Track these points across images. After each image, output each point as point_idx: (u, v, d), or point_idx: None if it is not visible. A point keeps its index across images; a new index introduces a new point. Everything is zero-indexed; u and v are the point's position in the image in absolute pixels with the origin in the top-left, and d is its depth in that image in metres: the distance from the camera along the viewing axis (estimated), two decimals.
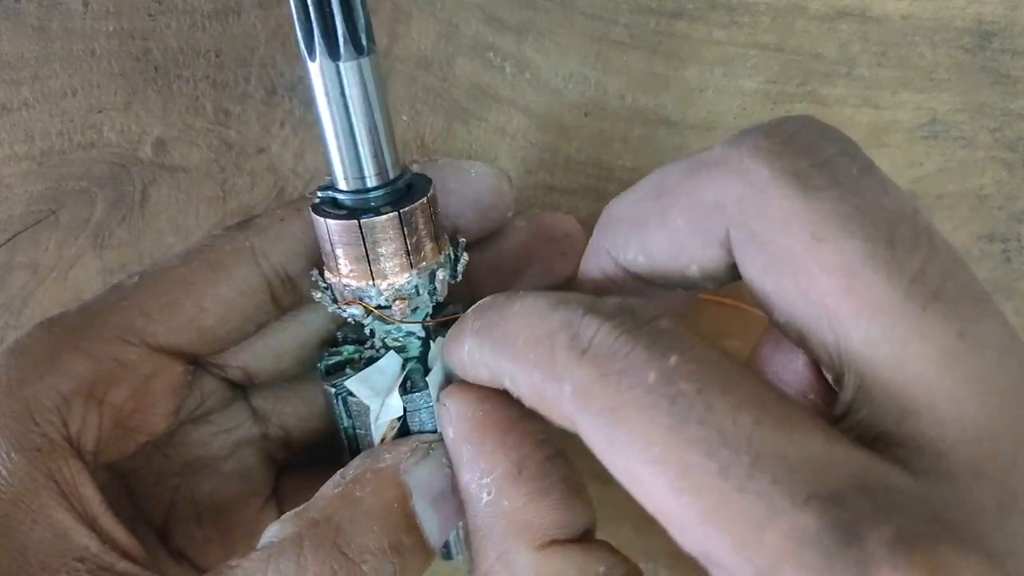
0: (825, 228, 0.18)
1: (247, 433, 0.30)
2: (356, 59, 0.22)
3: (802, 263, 0.18)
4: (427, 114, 0.33)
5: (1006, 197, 0.35)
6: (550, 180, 0.34)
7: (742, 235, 0.19)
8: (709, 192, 0.20)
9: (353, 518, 0.22)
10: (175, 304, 0.26)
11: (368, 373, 0.26)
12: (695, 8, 0.32)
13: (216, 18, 0.32)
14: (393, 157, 0.24)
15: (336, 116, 0.23)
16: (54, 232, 0.33)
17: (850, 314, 0.17)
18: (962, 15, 0.33)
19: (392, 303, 0.25)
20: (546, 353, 0.19)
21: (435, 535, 0.23)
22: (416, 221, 0.24)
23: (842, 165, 0.18)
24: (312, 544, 0.22)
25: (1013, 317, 0.36)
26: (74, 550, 0.22)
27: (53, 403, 0.24)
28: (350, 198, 0.24)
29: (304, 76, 0.23)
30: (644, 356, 0.18)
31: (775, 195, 0.18)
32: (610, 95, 0.33)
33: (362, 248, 0.24)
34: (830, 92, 0.33)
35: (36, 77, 0.32)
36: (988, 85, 0.33)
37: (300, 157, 0.33)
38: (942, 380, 0.17)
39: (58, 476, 0.23)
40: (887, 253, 0.17)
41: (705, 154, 0.20)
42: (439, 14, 0.32)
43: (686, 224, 0.20)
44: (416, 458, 0.24)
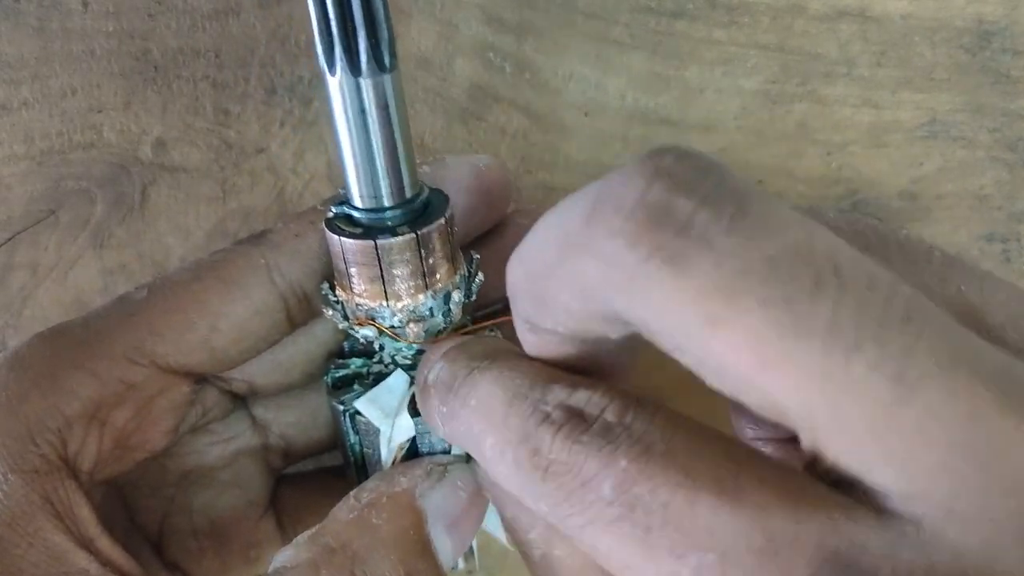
0: (714, 307, 0.16)
1: (247, 442, 0.29)
2: (378, 76, 0.21)
3: (708, 347, 0.16)
4: (427, 114, 0.33)
5: (1006, 197, 0.35)
6: (550, 180, 0.34)
7: (636, 321, 0.17)
8: (584, 277, 0.18)
9: (370, 545, 0.22)
10: (187, 323, 0.25)
11: (377, 393, 0.25)
12: (695, 8, 0.32)
13: (216, 18, 0.32)
14: (411, 176, 0.23)
15: (354, 133, 0.22)
16: (54, 232, 0.33)
17: (775, 387, 0.16)
18: (962, 15, 0.33)
19: (406, 325, 0.24)
20: (514, 467, 0.19)
21: (448, 559, 0.23)
22: (433, 243, 0.24)
23: (707, 221, 0.16)
24: (329, 573, 0.22)
25: None
26: (71, 573, 0.22)
27: (55, 424, 0.23)
28: (365, 216, 0.23)
29: (322, 89, 0.22)
30: (597, 466, 0.17)
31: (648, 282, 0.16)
32: (610, 95, 0.33)
33: (377, 269, 0.23)
34: (830, 92, 0.33)
35: (36, 77, 0.32)
36: (988, 85, 0.33)
37: (300, 157, 0.33)
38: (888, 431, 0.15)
39: (54, 497, 0.22)
40: (787, 314, 0.15)
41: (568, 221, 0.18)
42: (439, 14, 0.32)
43: (581, 307, 0.19)
44: (431, 481, 0.24)
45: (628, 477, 0.17)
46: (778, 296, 0.15)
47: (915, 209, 0.35)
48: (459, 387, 0.21)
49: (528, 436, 0.19)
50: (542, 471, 0.18)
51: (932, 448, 0.15)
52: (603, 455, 0.17)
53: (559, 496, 0.18)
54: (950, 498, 0.15)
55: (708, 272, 0.15)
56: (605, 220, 0.17)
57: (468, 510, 0.24)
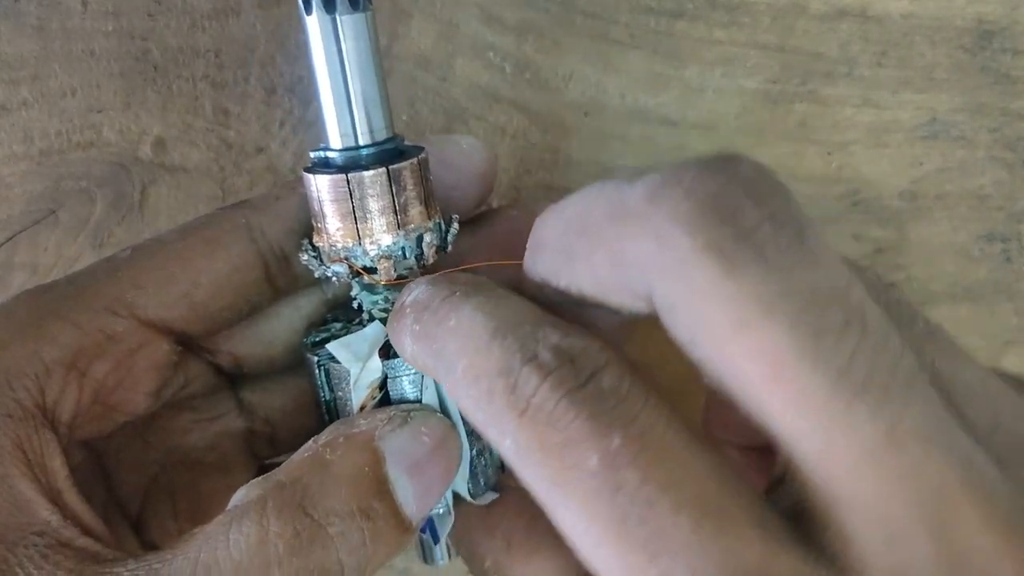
0: (749, 312, 0.16)
1: (231, 425, 0.29)
2: (351, 13, 0.23)
3: (726, 345, 0.17)
4: (427, 114, 0.33)
5: (1006, 197, 0.35)
6: (550, 180, 0.34)
7: (664, 301, 0.18)
8: (630, 249, 0.18)
9: (321, 481, 0.22)
10: (168, 277, 0.25)
11: (350, 338, 0.26)
12: (695, 8, 0.32)
13: (215, 18, 0.32)
14: (386, 118, 0.24)
15: (331, 71, 0.23)
16: (53, 232, 0.33)
17: (775, 402, 0.16)
18: (962, 15, 0.33)
19: (377, 263, 0.25)
20: (485, 397, 0.19)
21: (411, 506, 0.22)
22: (405, 180, 0.24)
23: (769, 236, 0.17)
24: (276, 505, 0.21)
25: (1013, 317, 0.36)
26: (34, 523, 0.21)
27: (33, 370, 0.23)
28: (341, 156, 0.24)
29: (303, 34, 0.24)
30: (586, 431, 0.17)
31: (696, 270, 0.17)
32: (610, 95, 0.33)
33: (349, 204, 0.24)
34: (830, 92, 0.33)
35: (35, 77, 0.32)
36: (988, 85, 0.33)
37: (300, 157, 0.33)
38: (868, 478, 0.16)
39: (26, 445, 0.22)
40: (814, 343, 0.16)
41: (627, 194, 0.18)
42: (439, 14, 0.32)
43: (610, 274, 0.19)
44: (393, 425, 0.23)
45: (620, 459, 0.17)
46: (810, 324, 0.16)
47: (915, 209, 0.35)
48: (438, 307, 0.21)
49: (510, 369, 0.18)
50: (518, 411, 0.18)
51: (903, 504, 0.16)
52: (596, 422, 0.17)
53: (532, 443, 0.18)
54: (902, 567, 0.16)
55: (754, 281, 0.16)
56: (673, 202, 0.17)
57: (432, 457, 0.23)
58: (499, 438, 0.19)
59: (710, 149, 0.34)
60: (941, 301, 0.36)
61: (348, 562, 0.21)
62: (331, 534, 0.21)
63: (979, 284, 0.36)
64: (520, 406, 0.18)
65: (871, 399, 0.16)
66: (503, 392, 0.18)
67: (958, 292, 0.36)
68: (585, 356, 0.18)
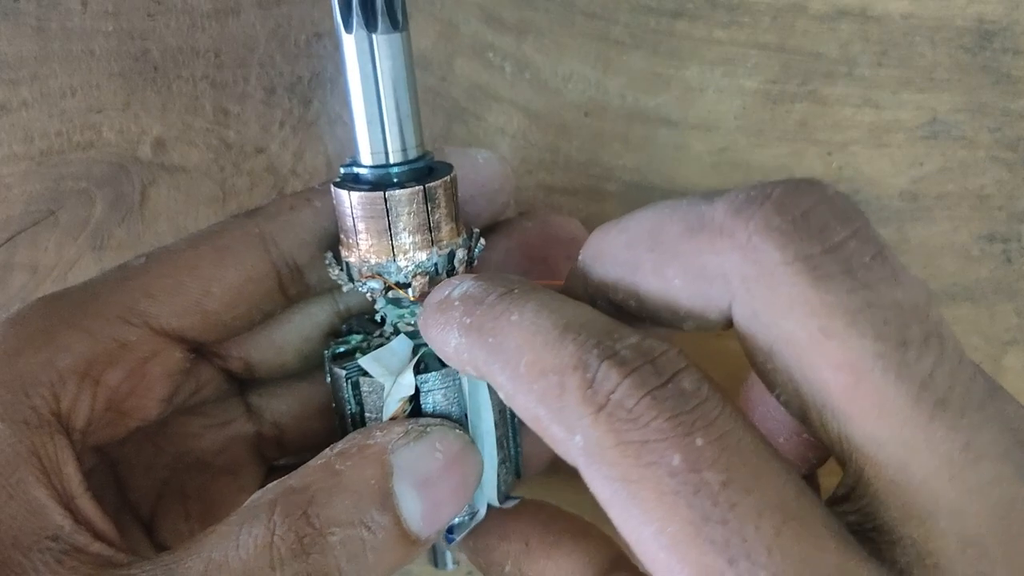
0: (834, 323, 0.17)
1: (240, 429, 0.29)
2: (390, 33, 0.23)
3: (809, 354, 0.17)
4: (427, 114, 0.33)
5: (1006, 197, 0.35)
6: (550, 180, 0.34)
7: (746, 312, 0.18)
8: (711, 261, 0.19)
9: (328, 490, 0.22)
10: (180, 287, 0.25)
11: (380, 353, 0.26)
12: (695, 8, 0.32)
13: (215, 18, 0.32)
14: (418, 137, 0.25)
15: (365, 89, 0.24)
16: (53, 232, 0.33)
17: (855, 412, 0.17)
18: (963, 15, 0.32)
19: (412, 280, 0.25)
20: (554, 392, 0.18)
21: (416, 521, 0.23)
22: (438, 198, 0.25)
23: (855, 252, 0.17)
24: (283, 510, 0.22)
25: (1013, 317, 0.36)
26: (47, 528, 0.22)
27: (47, 378, 0.23)
28: (372, 173, 0.25)
29: (338, 51, 0.24)
30: (667, 430, 0.17)
31: (784, 281, 0.17)
32: (610, 95, 0.33)
33: (385, 222, 0.24)
34: (830, 92, 0.33)
35: (35, 77, 0.32)
36: (989, 85, 0.33)
37: (300, 157, 0.33)
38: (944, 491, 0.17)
39: (41, 452, 0.23)
40: (897, 355, 0.17)
41: (707, 211, 0.19)
42: (439, 14, 0.32)
43: (684, 286, 0.19)
44: (408, 439, 0.23)
45: (703, 457, 0.17)
46: (893, 336, 0.17)
47: (915, 209, 0.35)
48: (496, 301, 0.21)
49: (587, 365, 0.18)
50: (595, 406, 0.18)
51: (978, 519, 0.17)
52: (678, 422, 0.17)
53: (608, 440, 0.17)
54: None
55: (841, 293, 0.17)
56: (763, 216, 0.18)
57: (444, 473, 0.23)
58: (565, 434, 0.18)
59: (710, 149, 0.34)
60: (941, 301, 0.36)
61: (347, 569, 0.21)
62: (330, 542, 0.21)
63: (979, 284, 0.36)
64: (598, 401, 0.18)
65: (951, 413, 0.17)
66: (578, 387, 0.18)
67: (958, 292, 0.36)
68: (665, 357, 0.18)
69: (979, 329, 0.36)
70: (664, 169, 0.34)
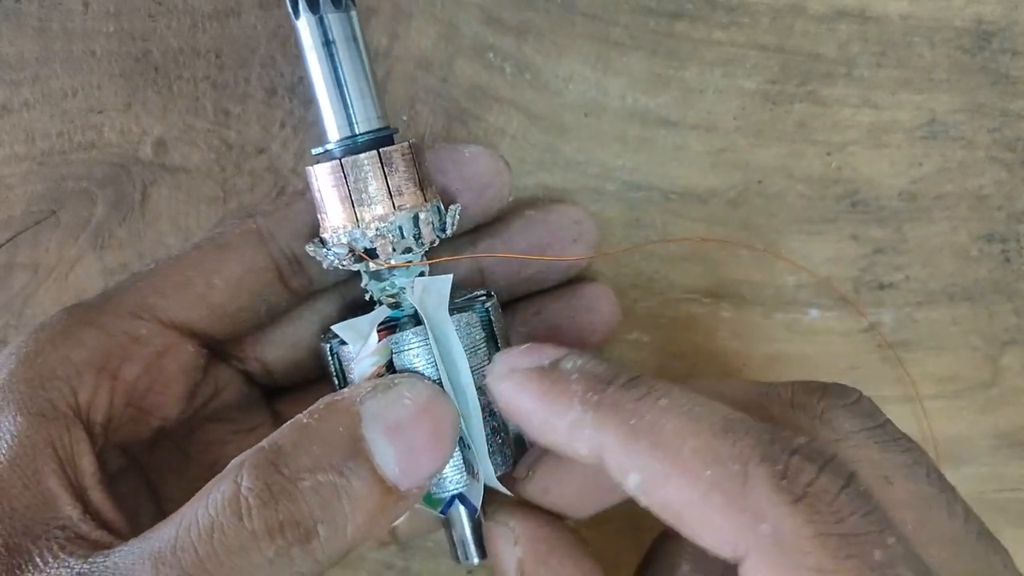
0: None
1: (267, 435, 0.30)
2: (335, 12, 0.25)
3: None
4: (427, 114, 0.33)
5: (1005, 197, 0.35)
6: (550, 180, 0.34)
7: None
8: None
9: (296, 441, 0.22)
10: (185, 282, 0.27)
11: (355, 320, 0.26)
12: (695, 8, 0.32)
13: (216, 19, 0.32)
14: (378, 108, 0.26)
15: (322, 66, 0.26)
16: (54, 232, 0.33)
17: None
18: (961, 15, 0.33)
19: (376, 244, 0.26)
20: (736, 480, 0.19)
21: (391, 467, 0.22)
22: (396, 162, 0.26)
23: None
24: (251, 464, 0.22)
25: (1013, 317, 0.36)
26: (58, 518, 0.22)
27: (64, 372, 0.24)
28: (338, 146, 0.26)
29: (295, 37, 0.26)
30: (864, 526, 0.18)
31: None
32: (610, 96, 0.33)
33: (345, 188, 0.26)
34: (830, 92, 0.33)
35: (36, 78, 0.32)
36: (988, 85, 0.33)
37: (300, 158, 0.33)
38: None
39: (58, 443, 0.23)
40: None
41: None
42: (439, 14, 0.32)
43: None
44: (375, 392, 0.23)
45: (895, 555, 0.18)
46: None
47: (915, 209, 0.35)
48: (628, 383, 0.21)
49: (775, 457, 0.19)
50: (792, 496, 0.18)
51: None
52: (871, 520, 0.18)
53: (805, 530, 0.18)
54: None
55: None
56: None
57: (415, 419, 0.23)
58: (749, 523, 0.19)
59: (710, 149, 0.34)
60: (940, 301, 0.36)
61: (322, 517, 0.21)
62: (301, 488, 0.21)
63: (978, 284, 0.36)
64: (796, 492, 0.18)
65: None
66: (769, 477, 0.19)
67: (957, 292, 0.36)
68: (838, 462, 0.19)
69: (978, 329, 0.36)
70: (664, 169, 0.34)
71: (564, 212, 0.31)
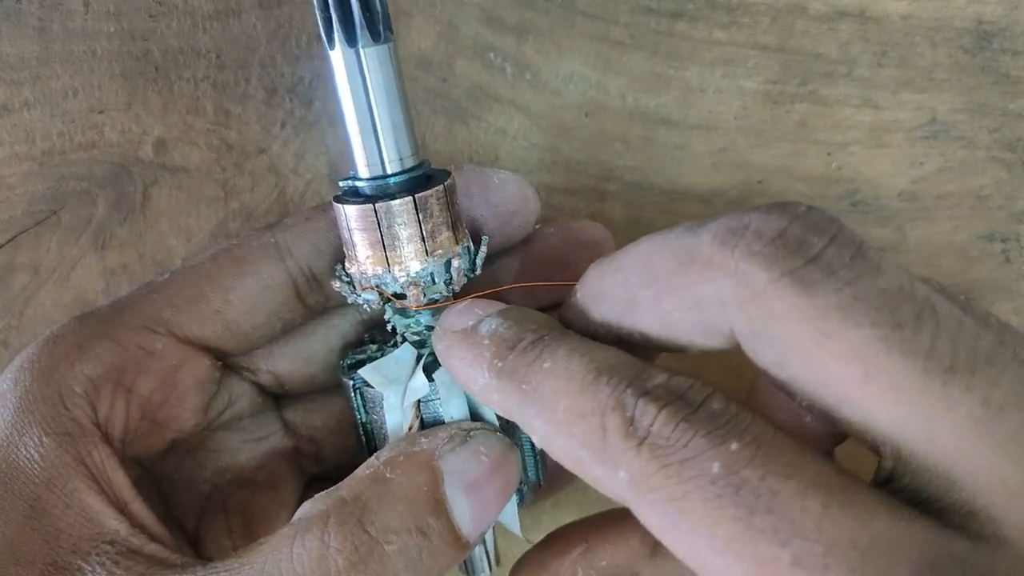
0: (830, 323, 0.18)
1: (278, 444, 0.30)
2: (373, 46, 0.24)
3: (815, 356, 0.18)
4: (427, 114, 0.33)
5: (1006, 197, 0.35)
6: (550, 180, 0.34)
7: (747, 331, 0.19)
8: (706, 290, 0.20)
9: (380, 498, 0.22)
10: (201, 296, 0.26)
11: (382, 362, 0.26)
12: (695, 8, 0.32)
13: (217, 19, 0.32)
14: (412, 146, 0.25)
15: (355, 102, 0.24)
16: (55, 233, 0.33)
17: (873, 399, 0.18)
18: (962, 15, 0.33)
19: (407, 290, 0.25)
20: (595, 434, 0.19)
21: (467, 524, 0.23)
22: (431, 207, 0.25)
23: (833, 256, 0.19)
24: (337, 521, 0.22)
25: (1013, 317, 0.36)
26: (104, 533, 0.22)
27: (82, 388, 0.24)
28: (369, 185, 0.25)
29: (327, 68, 0.24)
30: (704, 444, 0.18)
31: (776, 296, 0.18)
32: (610, 95, 0.33)
33: (378, 233, 0.24)
34: (830, 92, 0.33)
35: (37, 78, 0.32)
36: (988, 85, 0.33)
37: (301, 158, 0.33)
38: (976, 449, 0.17)
39: (88, 460, 0.23)
40: (895, 335, 0.18)
41: (694, 244, 0.20)
42: (439, 14, 0.32)
43: (683, 317, 0.20)
44: (453, 444, 0.24)
45: (739, 459, 0.18)
46: (887, 320, 0.18)
47: (915, 209, 0.35)
48: (527, 347, 0.22)
49: (624, 406, 0.19)
50: (636, 440, 0.19)
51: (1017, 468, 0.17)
52: (713, 436, 0.18)
53: (651, 467, 0.18)
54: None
55: (829, 295, 0.18)
56: (745, 243, 0.19)
57: (490, 476, 0.24)
58: (610, 472, 0.19)
59: (710, 149, 0.34)
60: None
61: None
62: (388, 551, 0.22)
63: (979, 284, 0.36)
64: (640, 435, 0.19)
65: (961, 375, 0.17)
66: (619, 426, 0.19)
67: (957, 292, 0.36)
68: (692, 390, 0.19)
69: None
70: (664, 169, 0.34)
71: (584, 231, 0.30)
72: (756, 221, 0.19)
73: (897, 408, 0.18)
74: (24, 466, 0.23)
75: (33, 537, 0.22)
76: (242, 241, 0.27)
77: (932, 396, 0.17)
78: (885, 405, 0.18)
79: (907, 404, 0.18)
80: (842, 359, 0.18)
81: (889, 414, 0.18)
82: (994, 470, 0.17)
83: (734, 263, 0.19)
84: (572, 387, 0.20)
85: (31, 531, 0.22)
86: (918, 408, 0.17)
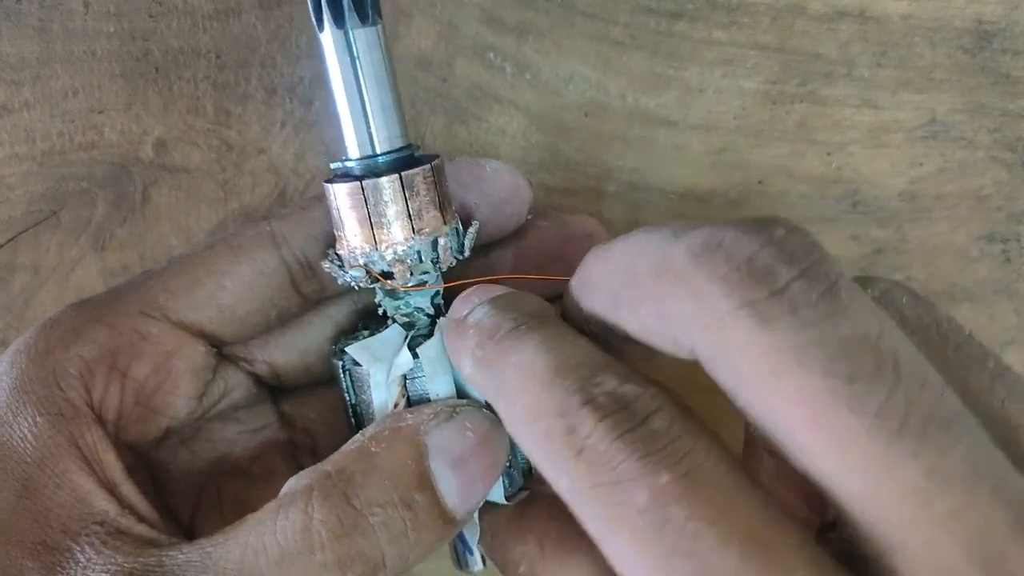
0: (783, 363, 0.17)
1: (274, 436, 0.30)
2: (362, 27, 0.24)
3: (766, 393, 0.18)
4: (427, 114, 0.33)
5: (1005, 197, 0.35)
6: (550, 180, 0.34)
7: (706, 354, 0.19)
8: (673, 305, 0.19)
9: (365, 472, 0.23)
10: (196, 282, 0.26)
11: (369, 342, 0.26)
12: (695, 8, 0.32)
13: (217, 19, 0.32)
14: (401, 127, 0.25)
15: (345, 84, 0.25)
16: (55, 233, 0.33)
17: (817, 446, 0.17)
18: (962, 15, 0.33)
19: (393, 267, 0.25)
20: (544, 437, 0.19)
21: (454, 499, 0.23)
22: (417, 186, 0.25)
23: (799, 292, 0.18)
24: (320, 494, 0.22)
25: (1013, 317, 0.36)
26: (94, 514, 0.23)
27: (76, 370, 0.24)
28: (358, 165, 0.25)
29: (317, 50, 0.25)
30: (636, 470, 0.18)
31: (733, 327, 0.18)
32: (610, 95, 0.33)
33: (365, 210, 0.25)
34: (830, 92, 0.33)
35: (37, 78, 0.32)
36: (988, 85, 0.33)
37: (301, 158, 0.33)
38: (914, 522, 0.16)
39: (80, 441, 0.24)
40: (845, 388, 0.17)
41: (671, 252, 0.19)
42: (439, 14, 0.32)
43: (654, 324, 0.20)
44: (438, 420, 0.24)
45: (667, 495, 0.17)
46: (841, 371, 0.17)
47: (915, 209, 0.35)
48: (502, 338, 0.22)
49: (567, 411, 0.19)
50: (574, 451, 0.19)
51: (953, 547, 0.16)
52: (645, 463, 0.18)
53: (585, 481, 0.18)
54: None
55: (787, 334, 0.17)
56: (712, 264, 0.18)
57: (476, 451, 0.24)
58: (556, 477, 0.19)
59: (710, 149, 0.34)
60: (940, 301, 0.36)
61: (389, 551, 0.22)
62: (372, 523, 0.22)
63: (978, 284, 0.36)
64: (577, 446, 0.19)
65: (910, 439, 0.16)
66: (561, 433, 0.19)
67: (957, 292, 0.36)
68: (639, 401, 0.19)
69: (978, 329, 0.36)
70: (664, 169, 0.34)
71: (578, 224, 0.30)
72: (729, 240, 0.19)
73: (840, 462, 0.17)
74: (17, 446, 0.23)
75: (24, 516, 0.22)
76: (238, 229, 0.27)
77: (875, 457, 0.16)
78: (828, 456, 0.17)
79: (850, 460, 0.17)
80: (790, 401, 0.17)
81: (832, 466, 0.17)
82: (928, 547, 0.16)
83: (699, 283, 0.18)
84: (532, 386, 0.20)
85: (22, 510, 0.22)
86: (861, 466, 0.17)
